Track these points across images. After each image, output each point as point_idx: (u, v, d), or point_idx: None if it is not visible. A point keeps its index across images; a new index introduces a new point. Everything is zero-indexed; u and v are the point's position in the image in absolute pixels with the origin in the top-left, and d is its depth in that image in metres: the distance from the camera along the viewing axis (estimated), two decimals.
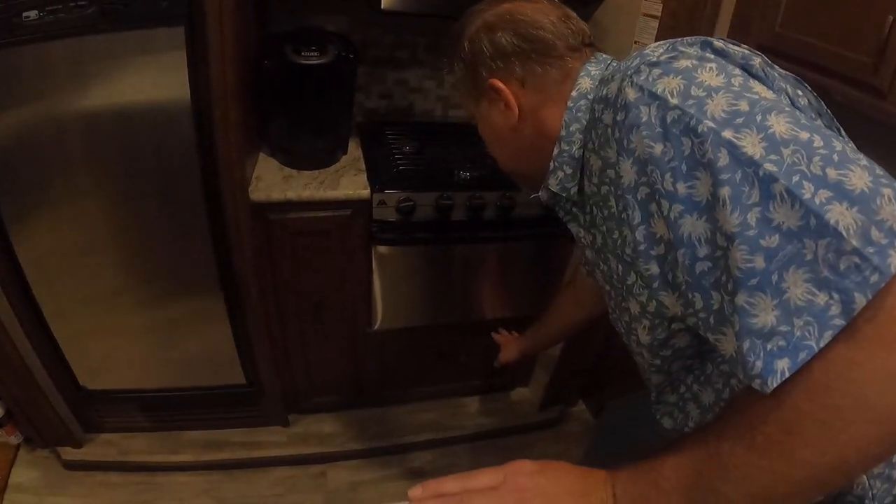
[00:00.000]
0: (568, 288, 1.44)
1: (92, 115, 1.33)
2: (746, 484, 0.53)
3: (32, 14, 1.17)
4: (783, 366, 0.50)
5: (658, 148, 0.60)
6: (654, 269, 0.67)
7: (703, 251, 0.57)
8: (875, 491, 0.69)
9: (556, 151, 0.83)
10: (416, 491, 0.65)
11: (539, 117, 0.85)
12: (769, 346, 0.51)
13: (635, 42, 1.59)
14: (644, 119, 0.61)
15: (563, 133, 0.81)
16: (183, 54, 1.31)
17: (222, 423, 2.04)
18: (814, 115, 0.70)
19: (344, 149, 1.83)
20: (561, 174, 0.84)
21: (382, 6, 1.51)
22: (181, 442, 1.99)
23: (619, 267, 0.76)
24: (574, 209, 0.89)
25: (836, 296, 0.48)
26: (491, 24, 0.87)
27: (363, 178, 1.69)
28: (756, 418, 0.53)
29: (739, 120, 0.55)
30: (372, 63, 2.05)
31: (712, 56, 0.64)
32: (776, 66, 0.69)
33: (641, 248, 0.67)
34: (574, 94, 0.81)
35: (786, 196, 0.50)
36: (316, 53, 1.56)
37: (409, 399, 2.27)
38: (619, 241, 0.73)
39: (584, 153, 0.80)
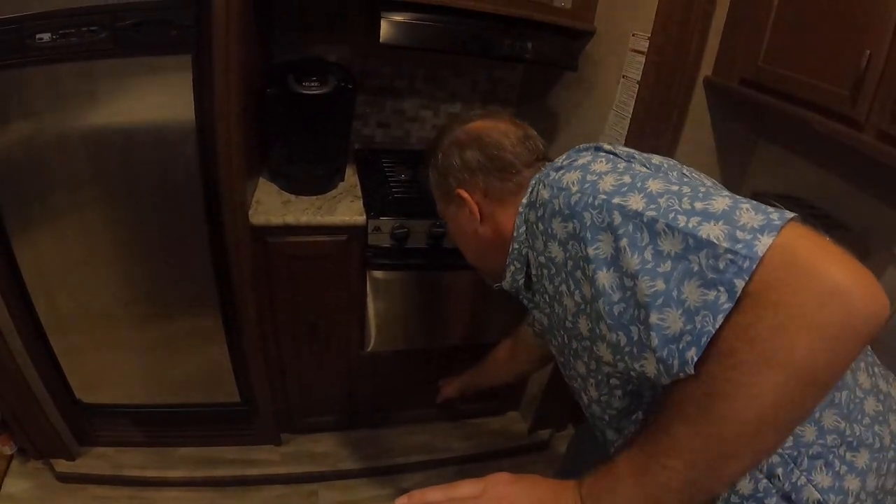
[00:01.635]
0: (508, 340, 1.54)
1: (98, 134, 1.36)
2: (687, 452, 0.62)
3: (46, 37, 1.21)
4: (692, 354, 0.61)
5: (570, 226, 0.75)
6: (585, 325, 0.80)
7: (616, 296, 0.70)
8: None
9: (510, 250, 0.95)
10: (402, 500, 0.72)
11: (497, 222, 0.99)
12: (680, 346, 0.62)
13: (623, 76, 1.63)
14: (556, 208, 0.78)
15: (515, 234, 0.93)
16: (189, 79, 1.35)
17: (216, 440, 2.05)
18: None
19: (341, 175, 1.88)
20: (513, 268, 0.96)
21: (381, 40, 1.56)
22: (174, 458, 2.00)
23: (565, 336, 0.90)
24: (534, 297, 0.99)
25: (721, 288, 0.60)
26: (461, 141, 1.02)
27: (359, 204, 1.74)
28: (684, 396, 0.64)
29: (625, 188, 0.71)
30: (371, 92, 2.11)
31: (603, 154, 0.83)
32: (665, 158, 0.89)
33: (574, 310, 0.81)
34: (524, 201, 0.92)
35: (667, 230, 0.64)
36: (317, 83, 1.62)
37: (402, 421, 2.28)
38: (561, 312, 0.85)
39: (527, 250, 0.93)
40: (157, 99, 1.37)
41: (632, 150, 0.86)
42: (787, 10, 1.34)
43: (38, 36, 1.21)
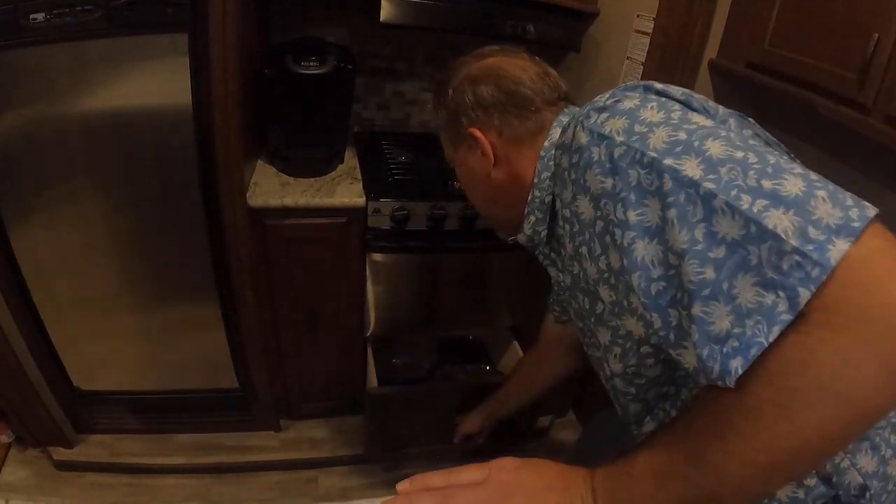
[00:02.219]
0: (531, 351, 1.46)
1: (94, 118, 1.35)
2: (713, 469, 0.56)
3: (39, 16, 1.20)
4: (736, 364, 0.53)
5: (609, 182, 0.65)
6: (608, 295, 0.74)
7: (656, 272, 0.62)
8: (872, 491, 0.70)
9: (529, 198, 0.90)
10: (404, 485, 0.67)
11: (514, 166, 0.92)
12: (725, 349, 0.54)
13: (627, 58, 1.62)
14: (595, 158, 0.67)
15: (535, 180, 0.88)
16: (186, 60, 1.34)
17: (214, 426, 2.05)
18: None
19: (340, 157, 1.87)
20: (533, 218, 0.91)
21: (381, 19, 1.54)
22: (173, 445, 2.00)
23: (586, 300, 0.82)
24: (551, 253, 0.95)
25: (781, 294, 0.51)
26: (475, 76, 0.94)
27: (359, 186, 1.72)
28: (721, 408, 0.56)
29: (679, 148, 0.60)
30: (370, 74, 2.09)
31: (654, 96, 0.70)
32: (719, 106, 0.75)
33: (596, 277, 0.74)
34: (546, 144, 0.88)
35: (726, 209, 0.54)
36: (315, 63, 1.59)
37: None
38: (582, 275, 0.79)
39: (553, 198, 0.86)
40: (154, 81, 1.35)
41: (688, 91, 0.73)
42: None
43: (31, 16, 1.20)
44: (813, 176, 0.55)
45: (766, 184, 0.54)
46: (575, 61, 1.92)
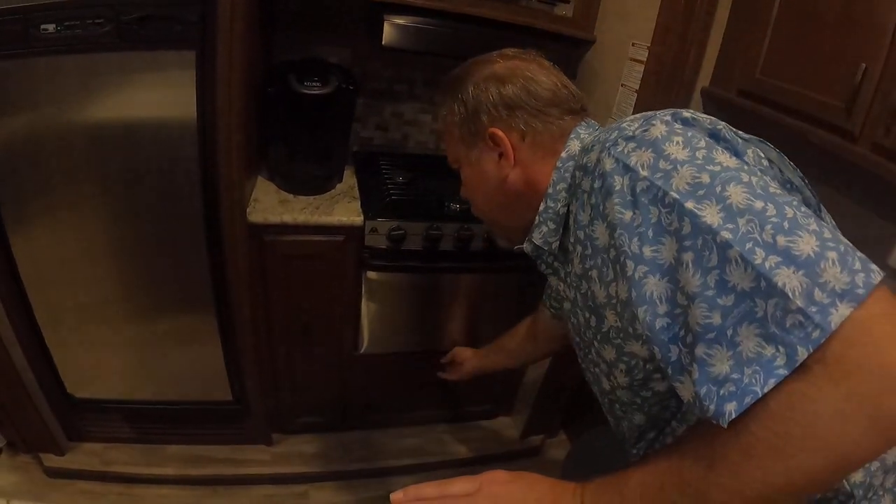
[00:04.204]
0: (528, 318, 1.50)
1: (99, 127, 1.37)
2: (702, 498, 0.58)
3: (50, 27, 1.23)
4: (731, 408, 0.55)
5: (628, 215, 0.66)
6: (617, 322, 0.75)
7: (662, 308, 0.63)
8: (857, 499, 0.72)
9: (542, 207, 0.89)
10: (397, 495, 0.70)
11: (530, 171, 0.90)
12: (722, 392, 0.56)
13: (622, 85, 1.65)
14: (617, 188, 0.68)
15: (550, 190, 0.87)
16: (192, 75, 1.36)
17: (206, 438, 2.05)
18: (775, 173, 0.75)
19: (340, 176, 1.89)
20: (545, 228, 0.90)
21: (383, 42, 1.58)
22: (164, 455, 1.99)
23: (592, 318, 0.82)
24: (555, 263, 0.95)
25: (781, 349, 0.53)
26: (501, 75, 0.91)
27: (357, 205, 1.75)
28: (717, 442, 0.58)
29: (701, 192, 0.61)
30: (370, 95, 2.12)
31: (680, 128, 0.70)
32: (739, 132, 0.76)
33: (604, 301, 0.75)
34: (564, 154, 0.87)
35: (740, 261, 0.56)
36: (318, 83, 1.63)
37: (393, 424, 2.29)
38: (589, 295, 0.79)
39: (567, 211, 0.85)
40: (160, 95, 1.38)
41: (715, 120, 0.73)
42: (785, 23, 1.36)
43: (42, 27, 1.22)
44: (826, 234, 0.56)
45: (781, 240, 0.56)
46: None
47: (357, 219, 1.67)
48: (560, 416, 2.33)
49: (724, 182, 0.61)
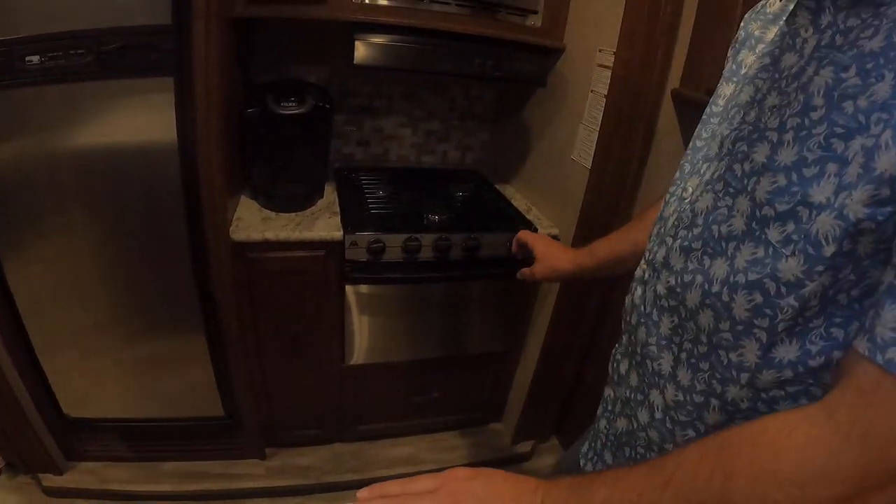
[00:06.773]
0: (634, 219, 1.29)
1: (84, 153, 1.42)
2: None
3: (35, 59, 1.28)
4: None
5: None
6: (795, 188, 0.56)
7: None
8: None
9: None
10: (363, 492, 0.70)
11: None
12: None
13: (591, 91, 1.68)
14: None
15: None
16: (171, 101, 1.40)
17: (201, 454, 2.08)
18: None
19: (320, 193, 1.94)
20: None
21: (355, 61, 1.62)
22: (160, 472, 2.02)
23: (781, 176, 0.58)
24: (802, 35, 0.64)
25: None
26: None
27: (337, 220, 1.78)
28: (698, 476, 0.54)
29: None
30: (351, 111, 2.17)
31: None
32: None
33: (794, 160, 0.56)
34: None
35: None
36: (295, 103, 1.67)
37: (385, 434, 2.31)
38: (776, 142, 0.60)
39: None
40: (142, 120, 1.42)
41: None
42: None
43: (27, 58, 1.27)
44: None
45: None
46: (543, 95, 1.99)
47: (337, 233, 1.71)
48: (551, 421, 2.35)
49: None
